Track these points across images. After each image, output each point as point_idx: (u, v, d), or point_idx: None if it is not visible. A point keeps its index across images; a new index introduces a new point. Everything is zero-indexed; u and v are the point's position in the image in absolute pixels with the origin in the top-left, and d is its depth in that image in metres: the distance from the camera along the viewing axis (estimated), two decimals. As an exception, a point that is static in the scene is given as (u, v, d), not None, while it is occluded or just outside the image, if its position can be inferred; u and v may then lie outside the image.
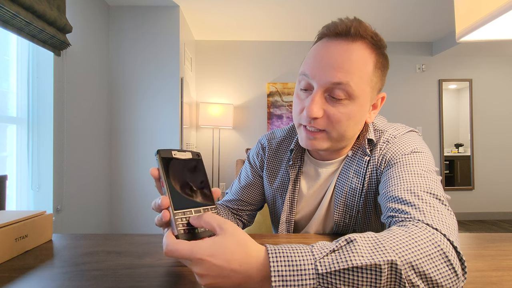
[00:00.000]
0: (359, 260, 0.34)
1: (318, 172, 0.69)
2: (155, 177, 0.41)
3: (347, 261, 0.34)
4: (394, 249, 0.35)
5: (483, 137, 3.69)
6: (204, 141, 3.50)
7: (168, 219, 0.39)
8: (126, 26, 2.65)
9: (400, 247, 0.36)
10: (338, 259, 0.34)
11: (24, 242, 0.53)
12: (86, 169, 2.26)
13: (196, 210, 0.41)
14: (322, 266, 0.34)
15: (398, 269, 0.34)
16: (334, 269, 0.33)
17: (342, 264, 0.33)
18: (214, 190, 0.45)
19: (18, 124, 1.77)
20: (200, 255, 0.33)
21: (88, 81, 2.28)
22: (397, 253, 0.35)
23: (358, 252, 0.34)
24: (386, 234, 0.39)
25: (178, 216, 0.39)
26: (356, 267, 0.33)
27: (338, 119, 0.56)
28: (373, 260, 0.34)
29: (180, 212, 0.39)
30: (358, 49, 0.55)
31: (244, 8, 2.77)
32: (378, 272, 0.33)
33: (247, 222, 0.80)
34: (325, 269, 0.33)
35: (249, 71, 3.56)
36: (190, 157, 0.45)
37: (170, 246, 0.34)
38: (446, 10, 2.79)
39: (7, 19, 1.40)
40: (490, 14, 0.48)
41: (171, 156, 0.42)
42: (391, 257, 0.34)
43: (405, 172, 0.53)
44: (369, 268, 0.33)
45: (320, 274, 0.33)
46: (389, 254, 0.34)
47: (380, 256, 0.34)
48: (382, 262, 0.34)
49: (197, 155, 0.46)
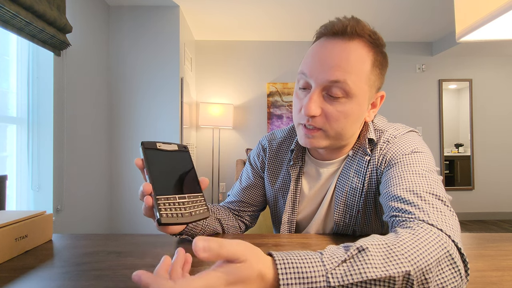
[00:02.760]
0: (373, 272, 0.32)
1: (319, 172, 0.69)
2: (139, 167, 0.42)
3: (361, 274, 0.32)
4: (407, 257, 0.35)
5: (483, 137, 3.69)
6: (204, 141, 3.50)
7: (151, 204, 0.39)
8: (126, 26, 2.65)
9: (412, 253, 0.35)
10: (351, 270, 0.33)
11: (24, 242, 0.53)
12: (86, 169, 2.26)
13: (180, 197, 0.41)
14: (335, 278, 0.32)
15: (410, 279, 0.33)
16: (348, 282, 0.32)
17: (356, 277, 0.32)
18: (201, 180, 0.46)
19: (18, 124, 1.77)
20: (217, 286, 0.29)
21: (88, 81, 2.28)
22: (410, 261, 0.34)
23: (372, 263, 0.33)
24: (395, 239, 0.37)
25: (161, 201, 0.39)
26: (370, 280, 0.32)
27: (335, 117, 0.56)
28: (387, 272, 0.33)
29: (163, 197, 0.39)
30: (356, 47, 0.55)
31: (244, 8, 2.77)
32: (392, 283, 0.33)
33: (249, 223, 0.80)
34: (338, 282, 0.32)
35: (249, 71, 3.56)
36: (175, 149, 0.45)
37: (181, 286, 0.28)
38: (446, 10, 2.79)
39: (7, 19, 1.40)
40: (490, 14, 0.48)
41: (155, 147, 0.43)
42: (406, 268, 0.33)
43: (406, 172, 0.53)
44: (383, 280, 0.33)
45: (332, 287, 0.32)
46: (403, 265, 0.34)
47: (394, 267, 0.33)
48: (397, 274, 0.33)
49: (183, 147, 0.47)
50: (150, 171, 0.41)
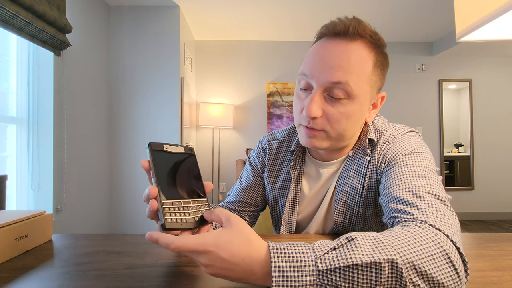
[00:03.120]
0: (359, 258, 0.34)
1: (319, 172, 0.69)
2: (145, 169, 0.42)
3: (347, 259, 0.34)
4: (395, 248, 0.35)
5: (483, 137, 3.69)
6: (204, 141, 3.50)
7: (156, 208, 0.39)
8: (126, 26, 2.65)
9: (401, 246, 0.36)
10: (338, 256, 0.34)
11: (24, 242, 0.53)
12: (86, 169, 2.26)
13: (185, 201, 0.41)
14: (323, 263, 0.34)
15: (398, 268, 0.34)
16: (334, 266, 0.34)
17: (343, 262, 0.34)
18: (206, 184, 0.46)
19: (18, 124, 1.77)
20: (206, 246, 0.34)
21: (88, 81, 2.28)
22: (398, 252, 0.35)
23: (359, 250, 0.35)
24: (388, 233, 0.39)
25: (166, 205, 0.39)
26: (356, 265, 0.33)
27: (337, 118, 0.56)
28: (373, 258, 0.34)
29: (168, 201, 0.39)
30: (357, 48, 0.55)
31: (244, 8, 2.77)
32: (378, 270, 0.33)
33: (249, 223, 0.80)
34: (326, 266, 0.34)
35: (249, 71, 3.56)
36: (182, 151, 0.45)
37: (178, 241, 0.34)
38: (446, 10, 2.79)
39: (7, 19, 1.40)
40: (490, 14, 0.48)
41: (162, 149, 0.43)
42: (392, 256, 0.34)
43: (406, 172, 0.53)
44: (369, 266, 0.33)
45: (321, 271, 0.33)
46: (390, 253, 0.34)
47: (380, 254, 0.34)
48: (383, 260, 0.34)
49: (190, 149, 0.46)
50: (156, 174, 0.40)
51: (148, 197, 0.40)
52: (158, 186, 0.39)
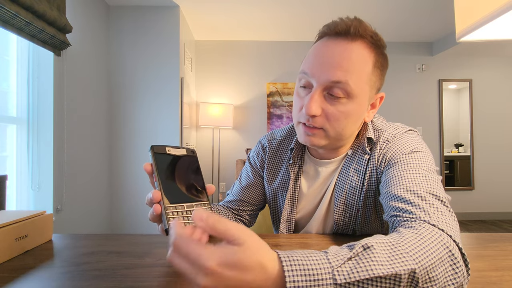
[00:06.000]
0: (380, 270, 0.32)
1: (318, 171, 0.69)
2: (148, 172, 0.42)
3: (367, 271, 0.32)
4: (411, 255, 0.35)
5: (483, 137, 3.69)
6: (204, 141, 3.50)
7: (160, 212, 0.39)
8: (126, 26, 2.65)
9: (416, 252, 0.35)
10: (357, 267, 0.32)
11: (24, 242, 0.53)
12: (86, 169, 2.26)
13: (188, 205, 0.41)
14: (341, 275, 0.32)
15: (415, 278, 0.33)
16: (354, 279, 0.31)
17: (363, 274, 0.32)
18: (208, 187, 0.46)
19: (18, 124, 1.77)
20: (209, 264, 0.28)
21: (88, 81, 2.28)
22: (414, 259, 0.34)
23: (378, 260, 0.33)
24: (399, 238, 0.38)
25: (170, 210, 0.39)
26: (377, 277, 0.32)
27: (336, 117, 0.56)
28: (393, 270, 0.33)
29: (171, 206, 0.39)
30: (358, 48, 0.55)
31: (244, 8, 2.77)
32: (397, 281, 0.33)
33: (248, 222, 0.80)
34: (344, 279, 0.31)
35: (249, 71, 3.56)
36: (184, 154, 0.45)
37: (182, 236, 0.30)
38: (446, 10, 2.79)
39: (7, 19, 1.40)
40: (490, 14, 0.48)
41: (165, 151, 0.43)
42: (411, 266, 0.33)
43: (406, 171, 0.53)
44: (390, 278, 0.33)
45: (339, 284, 0.31)
46: (409, 263, 0.34)
47: (399, 265, 0.33)
48: (403, 271, 0.33)
49: (192, 152, 0.46)
50: (159, 178, 0.40)
51: (151, 201, 0.40)
52: (161, 190, 0.39)
